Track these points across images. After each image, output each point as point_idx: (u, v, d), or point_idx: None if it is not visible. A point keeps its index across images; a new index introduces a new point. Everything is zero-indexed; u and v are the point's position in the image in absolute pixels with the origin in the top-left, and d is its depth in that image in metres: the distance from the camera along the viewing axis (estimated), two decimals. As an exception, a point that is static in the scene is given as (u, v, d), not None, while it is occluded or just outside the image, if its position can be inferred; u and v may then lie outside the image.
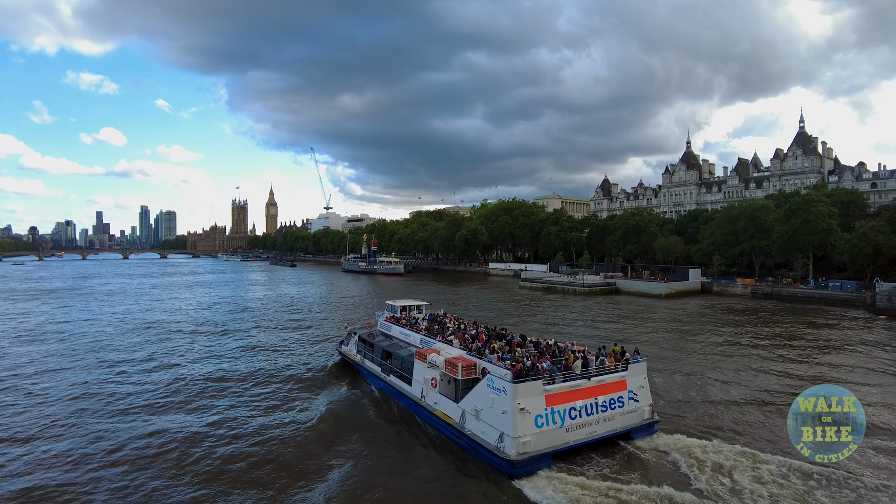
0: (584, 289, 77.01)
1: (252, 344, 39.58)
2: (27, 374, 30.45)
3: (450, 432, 19.64)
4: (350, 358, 30.11)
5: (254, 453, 18.83)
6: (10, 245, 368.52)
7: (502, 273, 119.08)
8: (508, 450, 16.66)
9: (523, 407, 16.80)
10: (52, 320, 53.33)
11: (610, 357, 19.75)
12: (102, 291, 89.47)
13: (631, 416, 18.96)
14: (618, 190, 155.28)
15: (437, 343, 23.32)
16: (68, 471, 17.48)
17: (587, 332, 43.08)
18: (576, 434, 17.75)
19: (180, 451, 19.06)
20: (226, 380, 28.87)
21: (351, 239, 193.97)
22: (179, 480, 16.94)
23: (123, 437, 20.23)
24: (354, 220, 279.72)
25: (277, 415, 23.15)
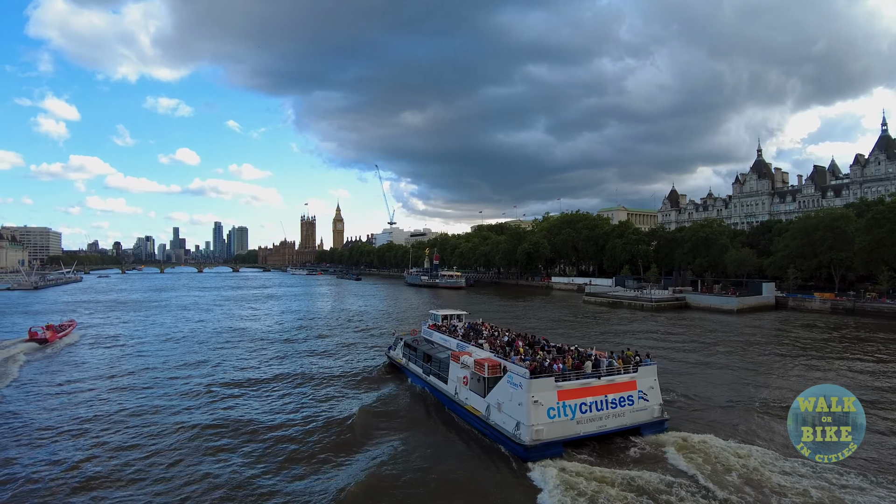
0: (651, 304, 75.43)
1: (315, 349, 44.72)
2: (126, 373, 36.25)
3: (477, 423, 22.83)
4: (397, 361, 34.26)
5: (313, 433, 22.91)
6: (96, 259, 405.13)
7: (566, 287, 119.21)
8: (523, 436, 19.62)
9: (536, 399, 19.73)
10: (133, 331, 60.27)
11: (619, 360, 22.30)
12: (177, 304, 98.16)
13: (640, 413, 21.39)
14: (686, 201, 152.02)
15: (470, 347, 26.68)
16: (158, 442, 22.02)
17: (661, 351, 41.48)
18: (586, 426, 20.43)
19: (249, 428, 23.56)
20: (291, 378, 33.61)
21: (414, 253, 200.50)
22: (246, 450, 21.13)
23: (206, 419, 24.87)
24: (417, 234, 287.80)
25: (333, 405, 27.41)
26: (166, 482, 18.43)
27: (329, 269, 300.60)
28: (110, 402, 28.27)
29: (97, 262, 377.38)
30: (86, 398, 29.27)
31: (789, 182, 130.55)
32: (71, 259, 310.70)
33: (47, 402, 28.49)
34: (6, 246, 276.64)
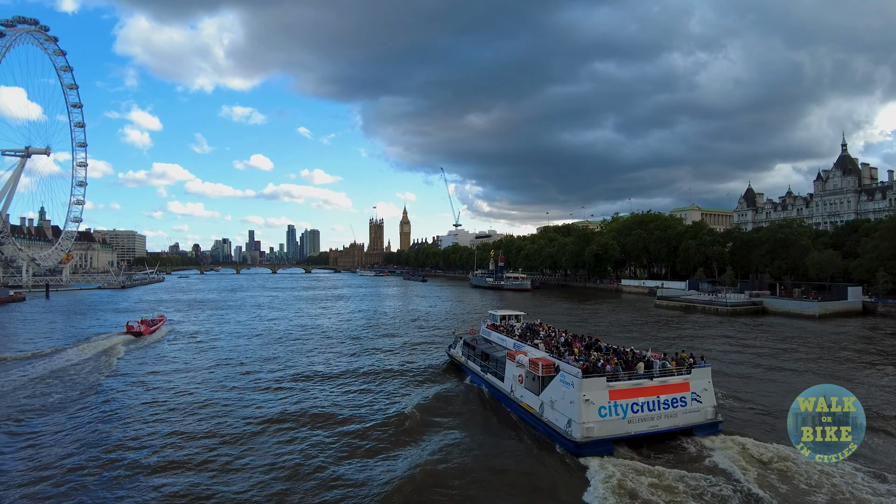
0: (726, 308, 73.13)
1: (380, 347, 47.24)
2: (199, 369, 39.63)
3: (531, 420, 23.89)
4: (456, 359, 35.92)
5: (375, 426, 24.69)
6: (177, 260, 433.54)
7: (636, 290, 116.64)
8: (574, 433, 20.50)
9: (588, 398, 20.57)
10: (212, 326, 65.27)
11: (673, 362, 22.72)
12: (252, 303, 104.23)
13: (693, 414, 21.73)
14: (763, 200, 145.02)
15: (526, 347, 27.73)
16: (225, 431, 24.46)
17: (731, 356, 41.45)
18: (637, 426, 21.03)
19: (314, 420, 25.59)
20: (357, 374, 35.87)
21: (479, 255, 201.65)
22: (310, 440, 22.95)
23: (275, 410, 27.10)
24: (482, 236, 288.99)
25: (395, 400, 29.23)
26: (235, 468, 20.34)
27: (396, 271, 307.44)
28: (191, 392, 31.23)
29: (178, 263, 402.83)
30: (170, 387, 32.51)
31: (878, 178, 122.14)
32: (154, 260, 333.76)
33: (139, 388, 32.02)
34: (98, 248, 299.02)
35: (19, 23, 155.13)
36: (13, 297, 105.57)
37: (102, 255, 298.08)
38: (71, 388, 31.83)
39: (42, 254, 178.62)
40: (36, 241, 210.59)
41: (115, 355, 41.79)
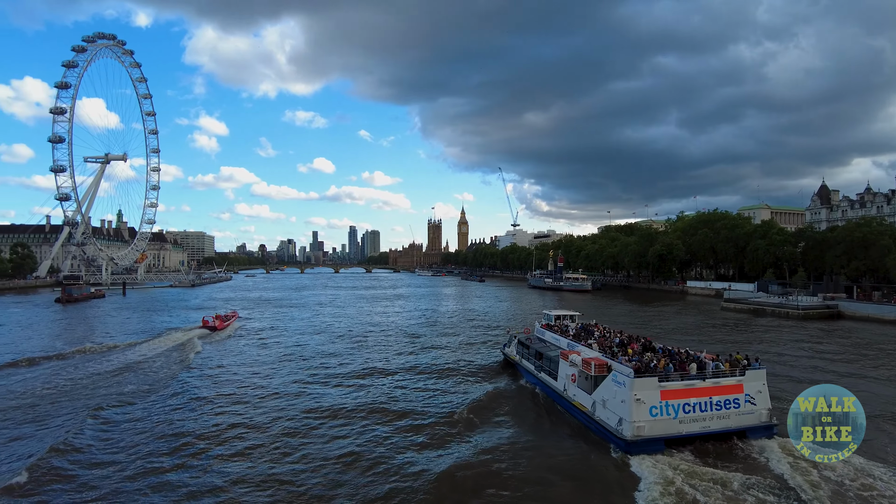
0: (798, 312, 70.22)
1: (437, 345, 49.04)
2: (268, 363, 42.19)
3: (583, 418, 24.44)
4: (511, 358, 36.77)
5: (429, 419, 25.97)
6: (244, 260, 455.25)
7: (702, 292, 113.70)
8: (625, 432, 20.98)
9: (639, 398, 21.00)
10: (280, 322, 68.71)
11: (727, 363, 22.77)
12: (314, 301, 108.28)
13: (747, 416, 21.70)
14: (839, 197, 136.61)
15: (579, 347, 28.20)
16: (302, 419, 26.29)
17: (802, 360, 40.46)
18: (689, 426, 21.23)
19: (370, 412, 27.09)
20: (413, 370, 37.62)
21: (537, 255, 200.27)
22: (365, 431, 24.27)
23: (336, 402, 28.78)
24: (541, 236, 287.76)
25: (449, 395, 30.46)
26: (291, 456, 21.75)
27: (454, 271, 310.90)
28: (258, 385, 33.46)
29: (245, 262, 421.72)
30: (240, 379, 35.15)
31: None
32: (222, 260, 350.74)
33: (210, 380, 34.82)
34: (169, 248, 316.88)
35: (99, 38, 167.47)
36: (94, 294, 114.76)
37: (174, 255, 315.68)
38: (155, 376, 35.86)
39: (119, 253, 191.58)
40: (114, 241, 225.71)
41: (192, 348, 45.42)
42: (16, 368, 37.74)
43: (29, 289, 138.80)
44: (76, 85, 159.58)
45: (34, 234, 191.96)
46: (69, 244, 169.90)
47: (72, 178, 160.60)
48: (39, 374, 35.84)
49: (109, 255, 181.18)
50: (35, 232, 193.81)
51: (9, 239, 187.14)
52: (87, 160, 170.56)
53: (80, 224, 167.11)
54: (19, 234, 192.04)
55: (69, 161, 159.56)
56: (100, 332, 59.07)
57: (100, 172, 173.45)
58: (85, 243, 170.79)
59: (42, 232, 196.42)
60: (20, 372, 36.72)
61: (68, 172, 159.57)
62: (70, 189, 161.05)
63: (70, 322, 70.33)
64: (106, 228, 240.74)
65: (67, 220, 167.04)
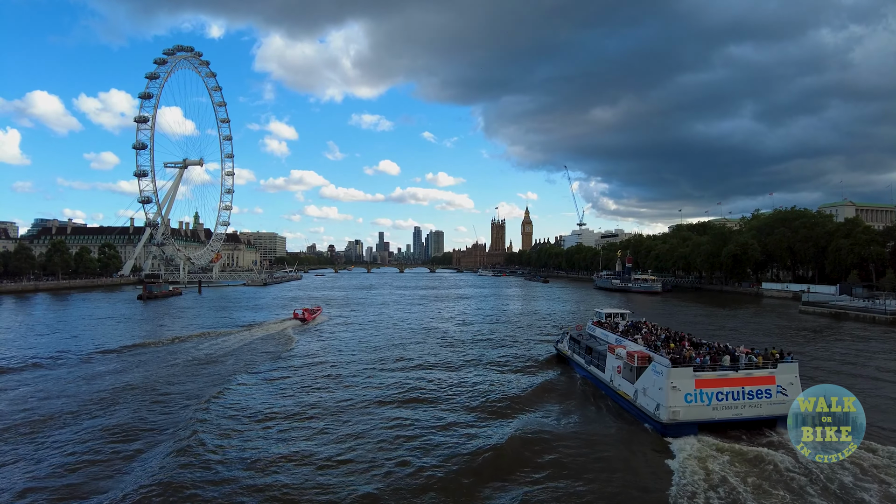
0: (885, 316, 66.19)
1: (497, 341, 53.35)
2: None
3: (626, 405, 27.49)
4: (563, 352, 40.30)
5: (486, 406, 29.56)
6: (314, 260, 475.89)
7: (778, 295, 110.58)
8: (662, 416, 23.77)
9: (675, 385, 23.72)
10: (355, 317, 74.79)
11: (759, 356, 25.18)
12: (380, 301, 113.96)
13: (778, 406, 23.86)
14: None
15: (626, 341, 31.06)
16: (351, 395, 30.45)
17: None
18: (721, 413, 23.78)
19: (437, 396, 31.12)
20: (475, 363, 41.81)
21: (604, 255, 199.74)
22: (430, 412, 28.18)
23: (406, 385, 32.96)
24: (608, 235, 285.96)
25: (506, 384, 34.26)
26: (363, 440, 25.29)
27: (518, 272, 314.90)
28: (339, 369, 39.13)
29: (314, 262, 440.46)
30: (327, 361, 42.55)
31: None
32: (293, 260, 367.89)
33: (309, 359, 43.55)
34: (243, 248, 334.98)
35: (178, 51, 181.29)
36: (172, 292, 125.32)
37: (247, 255, 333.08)
38: (273, 351, 47.13)
39: (196, 254, 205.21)
40: (191, 242, 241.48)
41: (289, 339, 54.26)
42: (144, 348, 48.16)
43: (114, 286, 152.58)
44: (157, 95, 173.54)
45: (119, 236, 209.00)
46: (150, 245, 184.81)
47: (153, 182, 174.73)
48: (182, 348, 47.62)
49: (187, 255, 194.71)
50: (120, 233, 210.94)
51: (97, 240, 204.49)
52: (166, 165, 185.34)
53: (160, 226, 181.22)
54: (106, 235, 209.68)
55: (151, 166, 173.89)
56: (180, 326, 66.67)
57: (178, 176, 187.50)
58: (164, 244, 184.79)
59: (126, 233, 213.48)
60: (150, 350, 47.34)
61: (150, 177, 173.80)
62: (151, 192, 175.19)
63: (152, 316, 79.39)
64: (183, 230, 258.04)
65: (149, 222, 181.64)
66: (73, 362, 41.20)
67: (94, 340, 52.22)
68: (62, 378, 35.96)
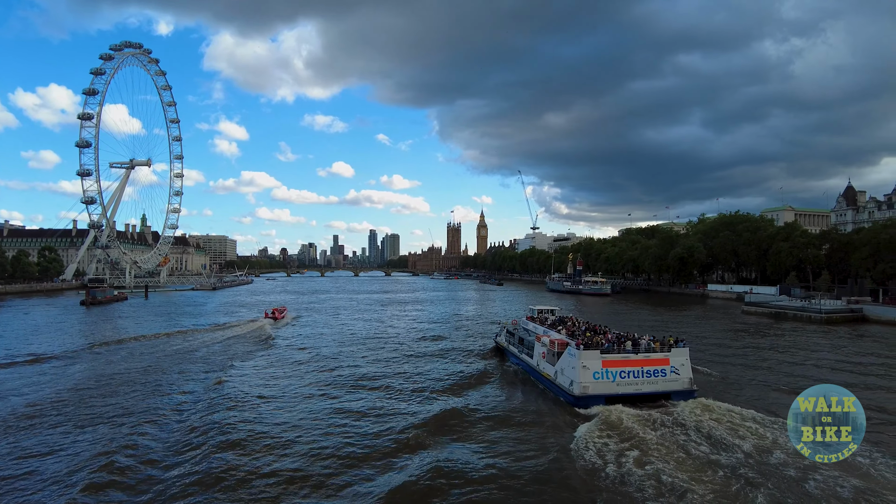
0: (820, 316, 71.16)
1: (450, 338, 58.74)
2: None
3: (548, 384, 33.10)
4: (500, 344, 46.43)
5: (434, 388, 34.74)
6: (265, 263, 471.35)
7: (723, 296, 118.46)
8: (574, 390, 29.15)
9: (585, 365, 29.08)
10: (314, 320, 78.89)
11: (657, 342, 31.10)
12: (332, 306, 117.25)
13: (671, 383, 29.71)
14: (866, 198, 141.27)
15: (551, 332, 36.86)
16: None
17: (811, 361, 43.90)
18: (624, 388, 29.37)
19: (389, 380, 36.09)
20: (427, 355, 47.60)
21: (556, 258, 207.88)
22: (386, 388, 33.11)
23: (364, 371, 37.74)
24: (560, 239, 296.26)
25: (452, 372, 39.92)
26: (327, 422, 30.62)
27: (473, 275, 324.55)
28: (298, 368, 42.89)
29: (266, 266, 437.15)
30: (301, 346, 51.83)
31: None
32: (244, 263, 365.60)
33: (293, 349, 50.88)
34: (192, 252, 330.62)
35: (126, 47, 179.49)
36: (117, 297, 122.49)
37: (196, 259, 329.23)
38: (253, 345, 53.25)
39: (143, 257, 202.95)
40: (138, 245, 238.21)
41: (268, 330, 63.04)
42: (142, 341, 55.30)
43: (56, 291, 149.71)
44: (103, 91, 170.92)
45: (61, 239, 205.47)
46: (94, 248, 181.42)
47: (97, 183, 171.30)
48: (184, 342, 54.34)
49: (133, 259, 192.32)
50: (62, 236, 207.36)
51: (37, 243, 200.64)
52: (112, 166, 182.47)
53: (105, 228, 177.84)
54: (47, 237, 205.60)
55: (95, 165, 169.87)
56: (124, 332, 65.74)
57: (125, 177, 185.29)
58: (109, 247, 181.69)
59: (69, 236, 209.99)
60: (139, 344, 53.36)
61: (94, 177, 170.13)
62: (95, 193, 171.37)
63: (95, 321, 78.55)
64: (130, 233, 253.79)
65: (93, 224, 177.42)
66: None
67: (36, 346, 52.28)
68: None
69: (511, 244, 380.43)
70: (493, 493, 19.49)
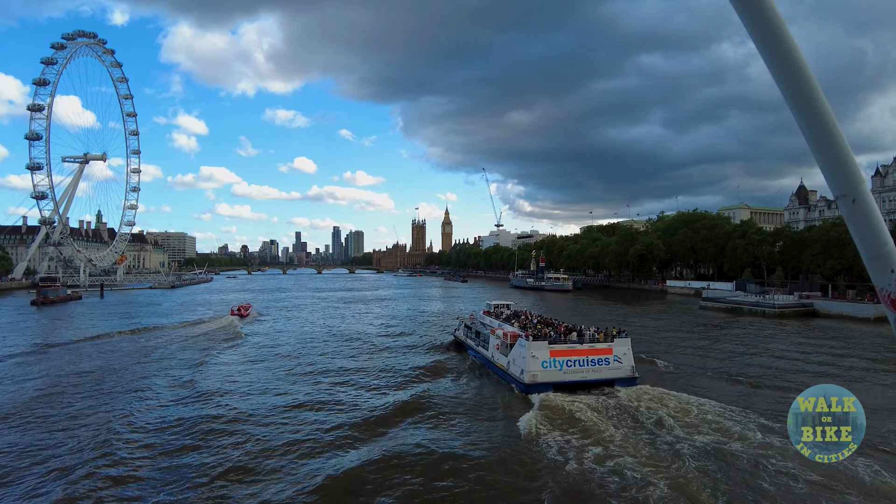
0: (774, 310, 75.12)
1: (412, 334, 61.05)
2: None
3: (502, 374, 35.26)
4: (458, 338, 48.51)
5: (396, 379, 36.71)
6: (226, 261, 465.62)
7: (681, 291, 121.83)
8: (525, 378, 31.30)
9: (534, 355, 31.13)
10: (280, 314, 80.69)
11: (601, 333, 33.48)
12: (295, 304, 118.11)
13: (615, 371, 32.03)
14: (817, 197, 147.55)
15: (505, 326, 38.97)
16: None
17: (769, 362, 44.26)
18: (570, 376, 31.56)
19: (353, 372, 37.73)
20: (390, 348, 49.76)
21: (520, 255, 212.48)
22: (353, 379, 34.70)
23: (335, 365, 39.17)
24: (524, 236, 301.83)
25: (412, 364, 41.64)
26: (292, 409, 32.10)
27: (437, 272, 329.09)
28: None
29: (226, 263, 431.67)
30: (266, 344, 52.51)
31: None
32: (203, 261, 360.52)
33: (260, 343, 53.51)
34: (150, 249, 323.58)
35: (79, 36, 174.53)
36: (71, 296, 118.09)
37: (154, 256, 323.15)
38: (222, 341, 54.26)
39: (98, 255, 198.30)
40: (93, 242, 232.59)
41: (237, 326, 65.36)
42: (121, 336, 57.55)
43: (4, 290, 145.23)
44: (55, 82, 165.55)
45: (9, 236, 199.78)
46: (46, 245, 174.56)
47: (49, 177, 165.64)
48: (147, 338, 55.79)
49: (87, 257, 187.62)
50: (11, 233, 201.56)
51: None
52: (65, 160, 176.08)
53: (57, 224, 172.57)
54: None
55: (47, 159, 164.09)
56: (77, 333, 61.87)
57: (78, 172, 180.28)
58: (62, 244, 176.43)
59: (18, 233, 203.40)
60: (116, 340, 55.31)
61: (45, 171, 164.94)
62: (47, 187, 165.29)
63: (50, 322, 75.44)
64: (84, 229, 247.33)
65: (44, 220, 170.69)
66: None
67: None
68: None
69: (476, 241, 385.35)
70: (443, 473, 21.13)
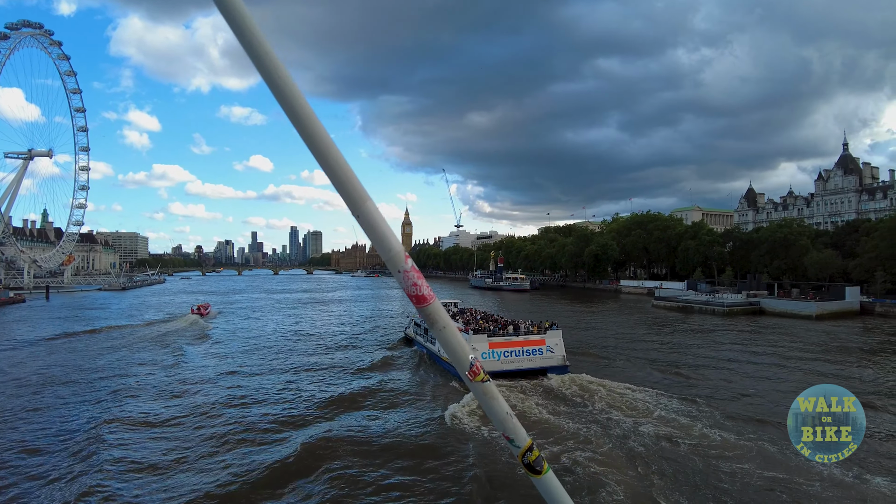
0: (723, 309, 78.34)
1: (366, 332, 64.08)
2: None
3: (447, 366, 38.12)
4: (408, 335, 52.21)
5: (350, 372, 39.91)
6: (179, 262, 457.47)
7: (635, 291, 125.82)
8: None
9: (475, 347, 34.28)
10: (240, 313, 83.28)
11: (535, 326, 37.33)
12: (251, 307, 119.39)
13: (548, 360, 35.78)
14: (764, 200, 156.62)
15: None
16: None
17: (711, 352, 47.79)
18: (508, 365, 35.20)
19: (311, 366, 40.79)
20: (342, 346, 52.60)
21: (479, 256, 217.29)
22: (308, 373, 37.52)
23: (291, 362, 42.04)
24: (483, 237, 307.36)
25: (364, 360, 44.69)
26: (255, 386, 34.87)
27: (388, 272, 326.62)
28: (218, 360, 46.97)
29: (180, 264, 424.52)
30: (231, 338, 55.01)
31: (880, 178, 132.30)
32: (156, 262, 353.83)
33: None
34: (100, 250, 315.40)
35: (24, 26, 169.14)
36: (13, 299, 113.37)
37: (104, 257, 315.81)
38: (189, 338, 57.56)
39: (44, 255, 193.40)
40: (38, 242, 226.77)
41: (201, 323, 70.37)
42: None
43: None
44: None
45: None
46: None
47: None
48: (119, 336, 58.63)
49: (32, 257, 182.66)
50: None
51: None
52: (7, 156, 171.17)
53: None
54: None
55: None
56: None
57: (22, 169, 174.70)
58: (4, 244, 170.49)
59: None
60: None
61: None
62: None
63: None
64: (29, 229, 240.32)
65: None
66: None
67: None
68: None
69: (436, 242, 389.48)
70: (384, 453, 23.96)
